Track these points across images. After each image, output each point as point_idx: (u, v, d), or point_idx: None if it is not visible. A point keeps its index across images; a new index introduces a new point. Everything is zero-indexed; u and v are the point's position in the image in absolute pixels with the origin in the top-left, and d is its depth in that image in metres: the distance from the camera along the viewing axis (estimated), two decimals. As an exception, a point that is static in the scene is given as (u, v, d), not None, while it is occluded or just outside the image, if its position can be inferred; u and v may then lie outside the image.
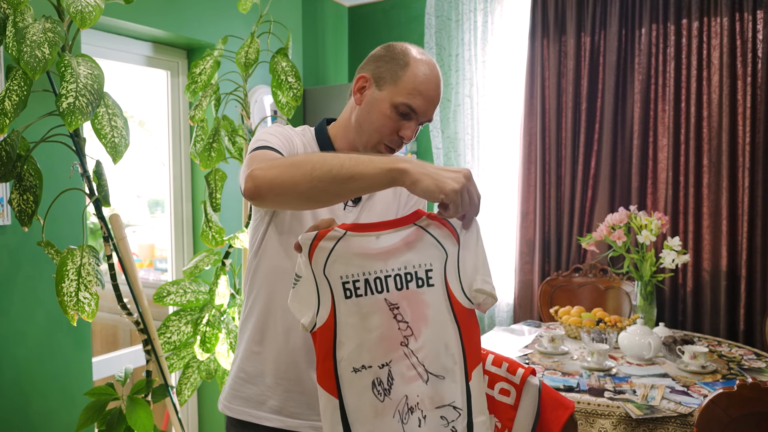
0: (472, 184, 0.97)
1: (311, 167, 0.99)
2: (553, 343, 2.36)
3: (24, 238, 2.02)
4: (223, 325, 2.31)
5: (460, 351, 1.03)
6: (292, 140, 1.24)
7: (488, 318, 3.56)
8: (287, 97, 2.34)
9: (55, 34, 1.69)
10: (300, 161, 1.01)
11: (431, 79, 1.21)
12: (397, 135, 1.22)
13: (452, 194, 0.94)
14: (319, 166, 0.99)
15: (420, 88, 1.19)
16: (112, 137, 1.80)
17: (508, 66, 3.47)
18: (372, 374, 1.03)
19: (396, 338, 1.03)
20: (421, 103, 1.20)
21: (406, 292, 1.03)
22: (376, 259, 1.03)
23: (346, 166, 0.98)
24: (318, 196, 1.02)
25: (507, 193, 3.53)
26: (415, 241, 1.04)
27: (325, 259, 1.03)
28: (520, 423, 1.48)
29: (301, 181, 1.00)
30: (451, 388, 1.03)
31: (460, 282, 1.04)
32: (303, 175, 0.99)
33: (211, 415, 2.97)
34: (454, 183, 0.94)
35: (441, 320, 1.03)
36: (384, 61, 1.23)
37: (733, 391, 1.60)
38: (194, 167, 2.91)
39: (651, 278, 2.60)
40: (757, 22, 2.83)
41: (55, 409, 2.15)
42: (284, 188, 1.01)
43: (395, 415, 1.03)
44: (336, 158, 1.00)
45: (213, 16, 2.77)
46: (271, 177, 1.01)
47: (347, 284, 1.03)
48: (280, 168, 1.02)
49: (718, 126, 2.94)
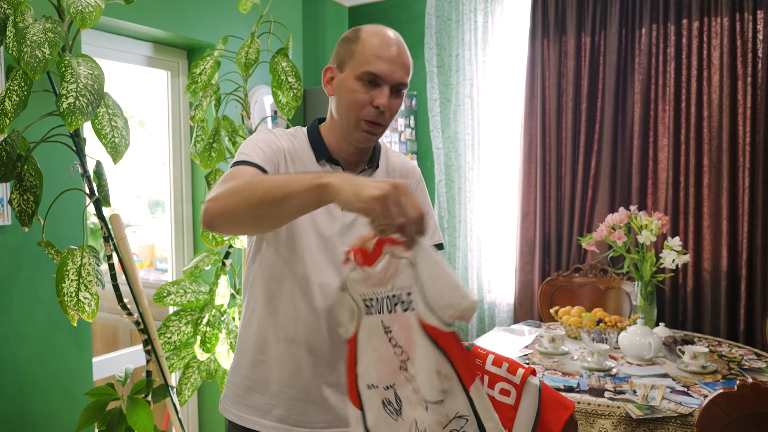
0: (406, 196, 0.88)
1: (250, 193, 0.99)
2: (553, 344, 2.36)
3: (24, 238, 2.02)
4: (223, 325, 2.31)
5: (452, 372, 0.98)
6: (277, 145, 1.23)
7: (488, 318, 3.56)
8: (287, 97, 2.34)
9: (55, 34, 1.69)
10: (240, 188, 1.01)
11: (386, 41, 1.21)
12: (371, 106, 1.20)
13: (369, 201, 0.86)
14: (257, 190, 0.99)
15: (376, 52, 1.19)
16: (113, 137, 1.80)
17: (508, 66, 3.48)
18: (380, 394, 1.03)
19: (394, 362, 1.02)
20: (382, 65, 1.19)
21: (396, 316, 1.00)
22: (375, 279, 1.02)
23: (278, 187, 0.97)
24: (261, 221, 1.03)
25: (507, 193, 3.53)
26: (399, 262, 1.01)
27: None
28: (521, 423, 1.48)
29: (244, 209, 1.00)
30: (453, 403, 0.99)
31: (429, 305, 0.95)
32: (244, 202, 0.99)
33: (211, 415, 2.97)
34: (374, 191, 0.86)
35: (424, 345, 0.97)
36: (340, 46, 1.25)
37: (734, 391, 1.60)
38: (194, 167, 2.91)
39: (651, 278, 2.60)
40: (757, 22, 2.83)
41: (55, 409, 2.15)
42: (232, 218, 1.02)
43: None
44: (270, 180, 1.00)
45: (213, 17, 2.77)
46: (218, 209, 1.02)
47: (365, 301, 1.04)
48: (225, 198, 1.02)
49: (718, 126, 2.94)
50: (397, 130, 3.62)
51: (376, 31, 1.22)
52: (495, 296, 3.55)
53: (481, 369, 1.57)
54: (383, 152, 1.37)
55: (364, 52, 1.19)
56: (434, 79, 3.61)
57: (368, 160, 1.32)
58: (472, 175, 3.56)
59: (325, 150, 1.27)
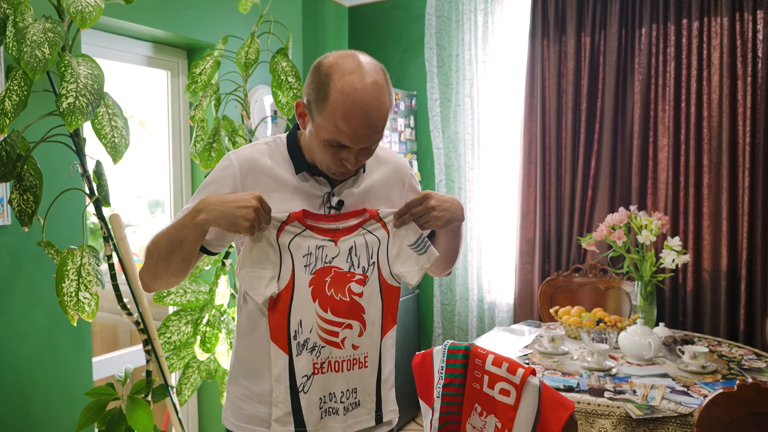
0: (263, 200, 1.12)
1: (154, 256, 1.18)
2: (553, 343, 2.36)
3: (24, 238, 2.02)
4: (223, 325, 2.31)
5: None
6: (226, 182, 1.21)
7: (488, 318, 3.57)
8: (287, 97, 2.34)
9: (55, 34, 1.69)
10: (148, 250, 1.20)
11: (355, 105, 1.07)
12: (341, 162, 1.16)
13: (248, 217, 1.11)
14: (157, 250, 1.18)
15: (340, 124, 1.08)
16: (112, 137, 1.80)
17: (508, 66, 3.48)
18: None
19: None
20: (347, 138, 1.10)
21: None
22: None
23: (170, 240, 1.16)
24: (176, 268, 1.20)
25: (507, 193, 3.53)
26: None
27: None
28: (521, 423, 1.48)
29: (159, 266, 1.19)
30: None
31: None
32: (155, 263, 1.19)
33: (211, 415, 2.97)
34: (244, 212, 1.11)
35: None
36: (310, 87, 1.13)
37: (733, 391, 1.60)
38: (194, 167, 2.91)
39: (651, 278, 2.60)
40: (757, 22, 2.83)
41: (55, 409, 2.15)
42: (155, 277, 1.22)
43: None
44: (163, 236, 1.17)
45: (213, 16, 2.77)
46: (144, 277, 1.24)
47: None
48: (144, 268, 1.22)
49: (718, 126, 2.94)
50: (397, 130, 3.63)
51: (346, 85, 1.07)
52: (495, 296, 3.55)
53: (481, 369, 1.58)
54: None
55: (333, 115, 1.08)
56: (434, 79, 3.61)
57: None
58: (472, 175, 3.56)
59: (303, 163, 1.24)
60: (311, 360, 1.19)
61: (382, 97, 1.10)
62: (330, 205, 1.24)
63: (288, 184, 1.23)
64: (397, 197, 1.35)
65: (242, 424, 1.27)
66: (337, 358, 1.21)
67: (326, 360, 1.20)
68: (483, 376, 1.56)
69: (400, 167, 1.38)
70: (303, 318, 1.19)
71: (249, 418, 1.26)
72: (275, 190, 1.22)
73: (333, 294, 1.20)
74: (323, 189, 1.24)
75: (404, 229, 1.26)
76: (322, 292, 1.20)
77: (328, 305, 1.20)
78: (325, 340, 1.20)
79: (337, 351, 1.21)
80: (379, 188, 1.31)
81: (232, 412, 1.29)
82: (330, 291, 1.20)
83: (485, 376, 1.55)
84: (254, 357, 1.26)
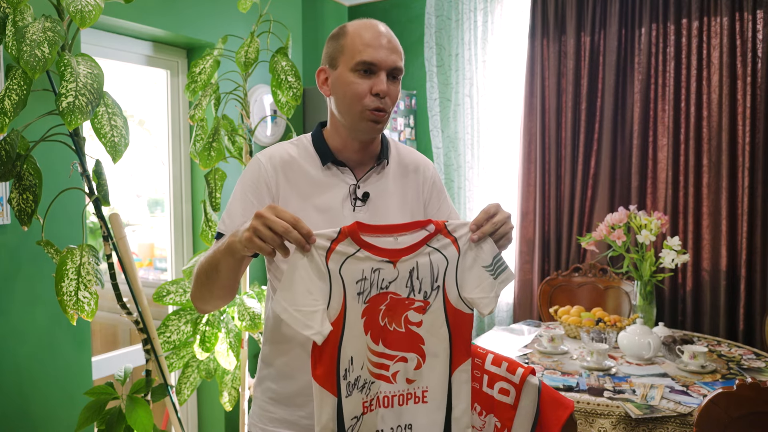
0: (268, 215, 0.98)
1: (199, 280, 1.18)
2: (552, 343, 2.36)
3: (24, 237, 2.02)
4: (222, 324, 2.31)
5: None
6: (259, 180, 1.24)
7: (488, 317, 3.57)
8: (287, 96, 2.34)
9: (54, 34, 1.69)
10: (196, 272, 1.20)
11: (373, 30, 1.22)
12: (371, 95, 1.20)
13: (246, 240, 1.00)
14: (201, 275, 1.17)
15: (366, 41, 1.21)
16: (112, 137, 1.80)
17: (508, 66, 3.48)
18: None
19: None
20: (374, 53, 1.20)
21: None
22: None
23: (210, 264, 1.14)
24: (220, 292, 1.18)
25: (507, 192, 3.53)
26: None
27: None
28: (520, 423, 1.48)
29: (204, 291, 1.19)
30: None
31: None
32: (200, 287, 1.19)
33: (211, 414, 2.97)
34: (245, 231, 1.00)
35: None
36: (328, 45, 1.27)
37: (733, 390, 1.60)
38: (194, 167, 2.91)
39: (651, 278, 2.60)
40: (757, 22, 2.83)
41: (54, 408, 2.15)
42: (204, 300, 1.22)
43: None
44: (204, 261, 1.17)
45: (213, 16, 2.77)
46: (194, 299, 1.24)
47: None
48: (193, 291, 1.23)
49: (717, 126, 2.94)
50: (396, 129, 3.62)
51: (362, 23, 1.24)
52: (494, 296, 3.55)
53: (481, 368, 1.57)
54: (393, 148, 1.36)
55: (354, 44, 1.21)
56: (434, 79, 3.61)
57: (376, 158, 1.31)
58: (472, 175, 3.56)
59: (329, 153, 1.27)
60: (361, 399, 1.06)
61: (393, 34, 1.25)
62: (356, 197, 1.26)
63: (315, 178, 1.26)
64: (421, 191, 1.36)
65: (270, 428, 1.26)
66: (386, 393, 1.08)
67: (375, 396, 1.07)
68: (482, 375, 1.56)
69: (422, 161, 1.41)
70: (354, 355, 1.04)
71: (278, 422, 1.26)
72: (305, 184, 1.25)
73: (387, 324, 1.06)
74: (348, 181, 1.27)
75: (479, 246, 1.11)
76: (375, 323, 1.05)
77: (380, 337, 1.06)
78: (375, 374, 1.07)
79: (387, 385, 1.08)
80: (402, 180, 1.33)
81: (260, 417, 1.29)
82: (384, 321, 1.06)
83: (484, 375, 1.55)
84: (286, 362, 1.25)
